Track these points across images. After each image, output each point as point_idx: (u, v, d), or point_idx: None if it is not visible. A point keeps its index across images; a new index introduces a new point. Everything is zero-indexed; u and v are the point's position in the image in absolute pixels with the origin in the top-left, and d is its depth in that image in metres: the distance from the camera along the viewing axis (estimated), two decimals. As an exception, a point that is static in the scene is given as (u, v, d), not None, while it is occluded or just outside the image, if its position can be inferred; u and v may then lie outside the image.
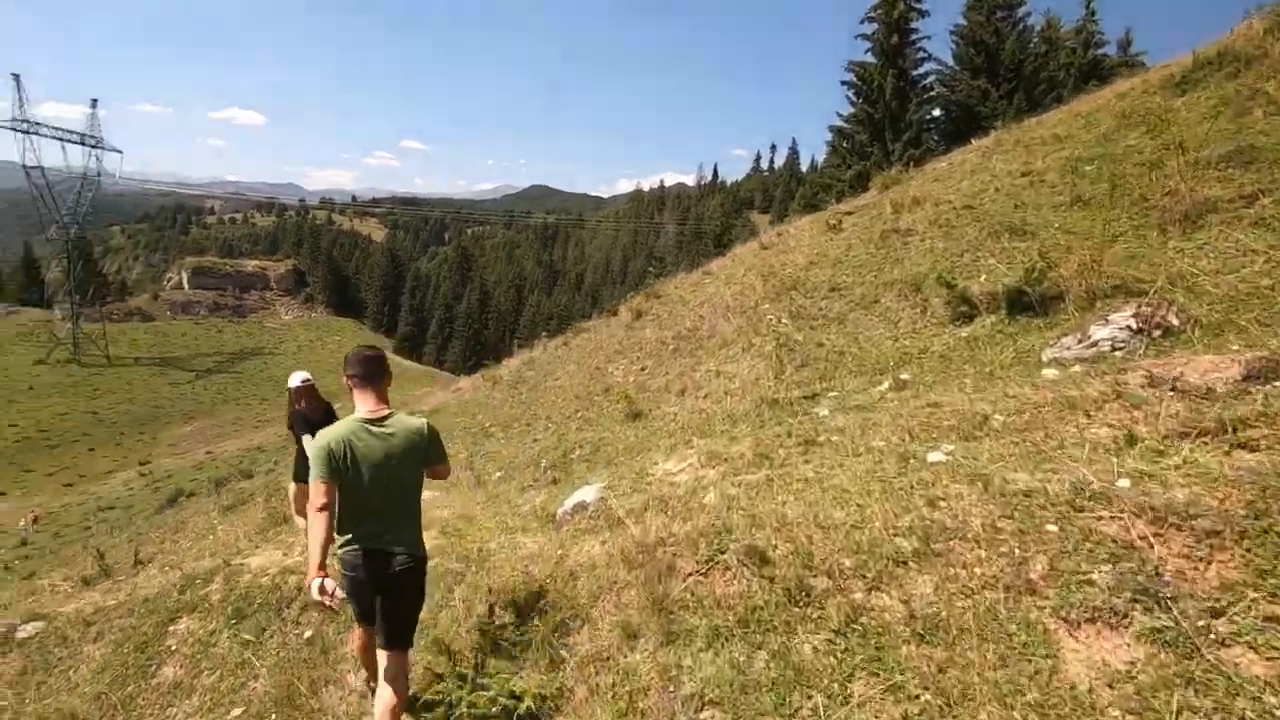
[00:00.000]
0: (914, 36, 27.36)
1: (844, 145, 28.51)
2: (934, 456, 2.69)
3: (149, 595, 4.28)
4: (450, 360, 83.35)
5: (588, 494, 3.54)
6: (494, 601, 2.84)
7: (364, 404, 2.80)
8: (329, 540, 2.65)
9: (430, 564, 3.65)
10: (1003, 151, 10.15)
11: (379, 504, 2.74)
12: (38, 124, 59.57)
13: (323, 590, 2.49)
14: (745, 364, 6.21)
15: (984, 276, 5.32)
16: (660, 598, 2.49)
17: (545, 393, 8.75)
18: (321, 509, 2.63)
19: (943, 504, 2.34)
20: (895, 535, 2.32)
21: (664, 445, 4.85)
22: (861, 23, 27.28)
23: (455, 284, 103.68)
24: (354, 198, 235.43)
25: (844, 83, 28.25)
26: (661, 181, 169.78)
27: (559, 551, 2.82)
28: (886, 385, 4.18)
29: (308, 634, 3.28)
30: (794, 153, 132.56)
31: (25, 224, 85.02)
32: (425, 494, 3.05)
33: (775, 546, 2.52)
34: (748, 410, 4.67)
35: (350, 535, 2.75)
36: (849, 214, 11.69)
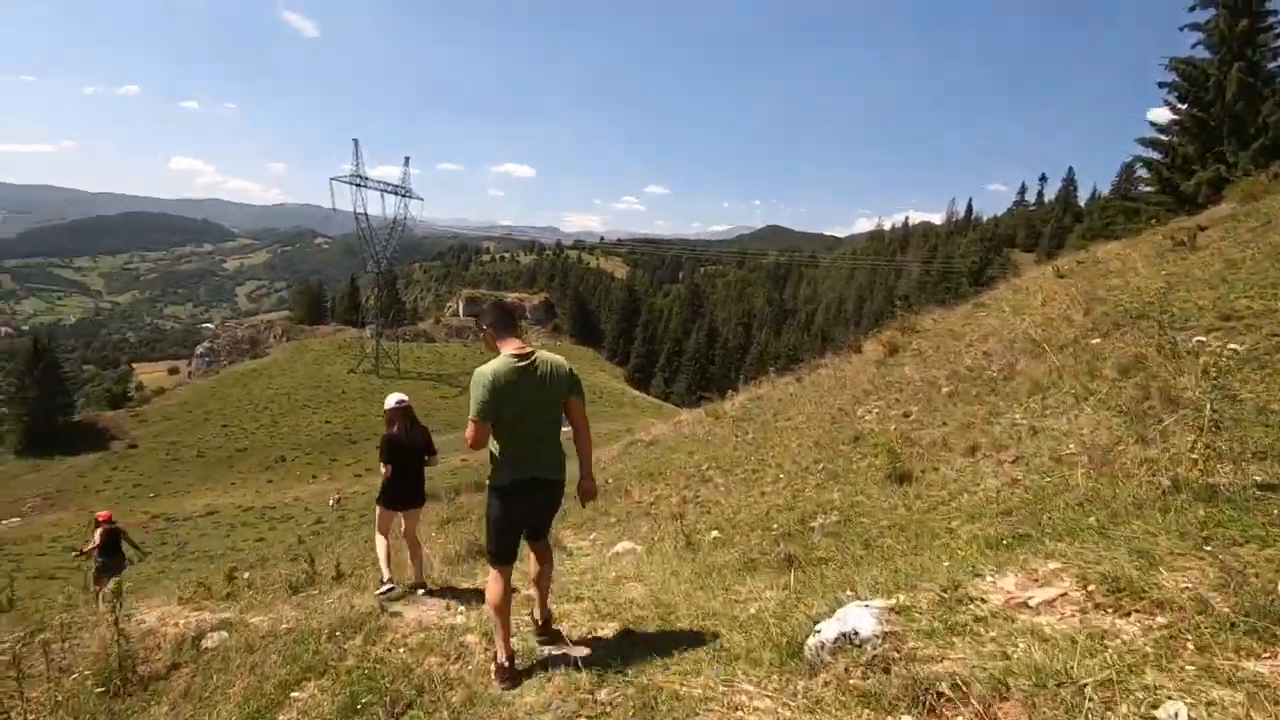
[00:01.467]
0: (1272, 20, 21.33)
1: (1161, 160, 23.03)
2: None
3: (305, 631, 3.72)
4: (676, 394, 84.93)
5: (859, 618, 2.06)
6: None
7: (509, 347, 3.01)
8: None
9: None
10: None
11: (532, 435, 2.97)
12: (366, 179, 73.72)
13: None
14: (1083, 418, 4.18)
15: None
16: None
17: (776, 434, 7.30)
18: (475, 446, 2.91)
19: None
20: None
21: (965, 532, 3.14)
22: (1192, 9, 21.94)
23: (685, 319, 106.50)
24: (601, 239, 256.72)
25: (1162, 84, 22.82)
26: (906, 219, 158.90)
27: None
28: None
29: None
30: (1069, 183, 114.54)
31: (353, 261, 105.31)
32: (619, 546, 1.92)
33: None
34: (1137, 496, 2.78)
35: (515, 468, 2.96)
36: (1202, 228, 8.64)
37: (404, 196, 77.17)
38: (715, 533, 4.95)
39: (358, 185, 73.02)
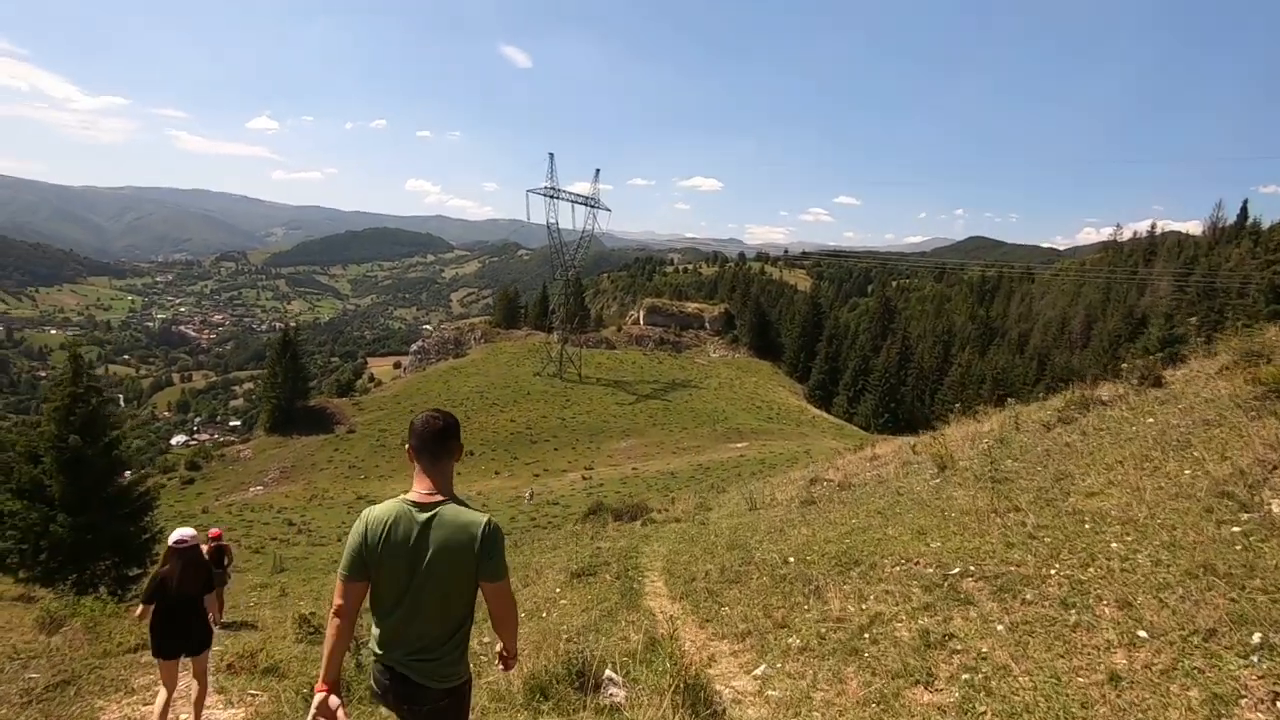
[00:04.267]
0: None
1: None
2: None
3: None
4: (860, 415, 78.41)
5: None
6: None
7: (417, 484, 2.36)
8: (342, 650, 2.31)
9: None
10: None
11: (410, 615, 2.28)
12: (559, 191, 76.98)
13: (324, 710, 2.19)
14: None
15: None
16: None
17: (1082, 525, 4.26)
18: (337, 613, 2.30)
19: None
20: None
21: None
22: None
23: (875, 336, 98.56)
24: (785, 251, 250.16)
25: None
26: (1152, 226, 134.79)
27: None
28: None
29: None
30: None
31: (549, 271, 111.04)
32: None
33: None
34: None
35: (378, 645, 2.36)
36: None
37: (593, 208, 79.54)
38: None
39: (551, 197, 76.55)
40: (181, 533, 4.36)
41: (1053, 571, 3.73)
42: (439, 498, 2.31)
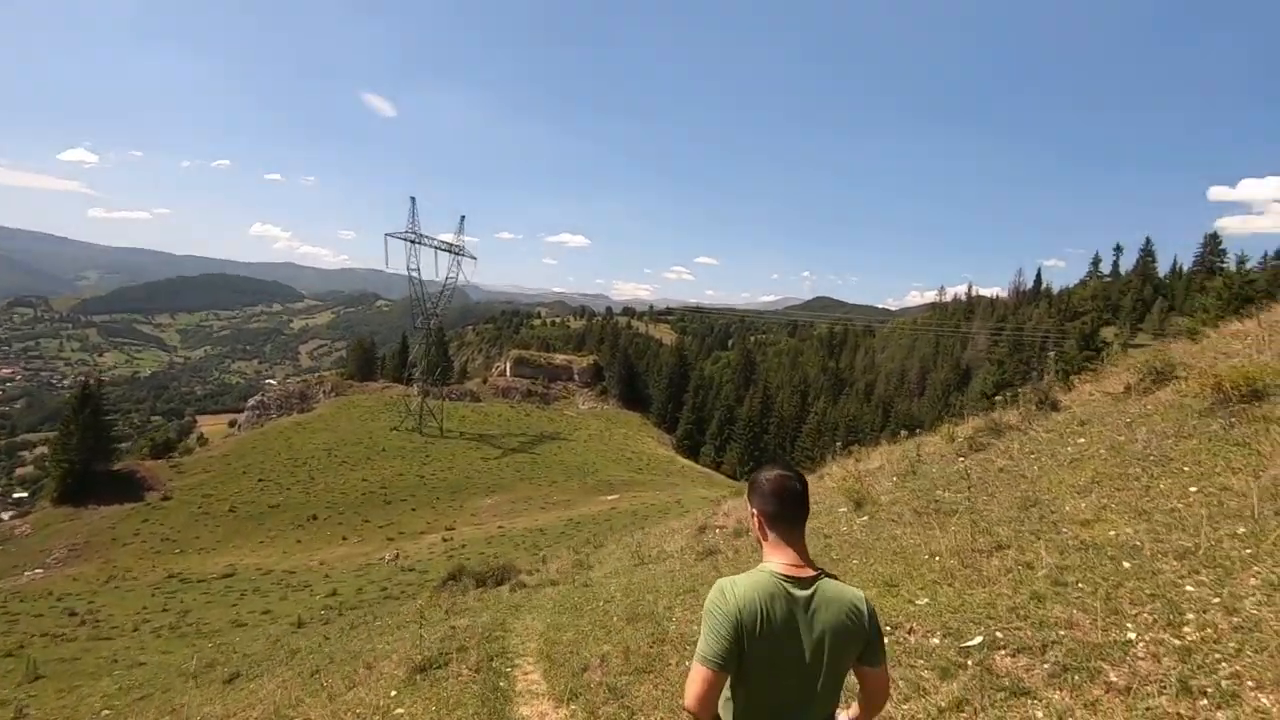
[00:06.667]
0: None
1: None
2: None
3: None
4: (728, 463, 79.92)
5: None
6: None
7: (781, 555, 1.91)
8: None
9: None
10: None
11: (796, 710, 1.82)
12: (421, 235, 73.44)
13: None
14: None
15: None
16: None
17: (1111, 559, 3.22)
18: (697, 713, 1.75)
19: None
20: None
21: None
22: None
23: (738, 387, 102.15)
24: (650, 306, 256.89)
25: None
26: (969, 288, 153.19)
27: None
28: None
29: None
30: (1148, 254, 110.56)
31: (407, 321, 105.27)
32: None
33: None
34: None
35: None
36: None
37: (457, 255, 76.64)
38: None
39: (413, 242, 72.83)
40: None
41: (1129, 635, 2.58)
42: (812, 571, 1.87)
